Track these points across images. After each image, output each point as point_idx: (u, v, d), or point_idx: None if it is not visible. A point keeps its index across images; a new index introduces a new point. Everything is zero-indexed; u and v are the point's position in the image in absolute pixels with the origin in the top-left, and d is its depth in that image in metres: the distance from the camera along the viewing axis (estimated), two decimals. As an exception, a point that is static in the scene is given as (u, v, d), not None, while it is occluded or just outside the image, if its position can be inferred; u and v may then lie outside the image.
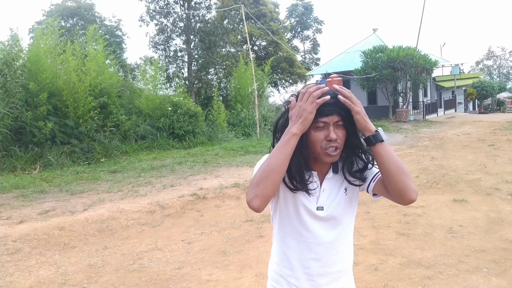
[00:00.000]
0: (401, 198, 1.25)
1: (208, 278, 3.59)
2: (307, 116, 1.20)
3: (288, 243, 1.39)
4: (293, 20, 38.71)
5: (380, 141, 1.23)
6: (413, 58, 17.53)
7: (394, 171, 1.22)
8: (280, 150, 1.20)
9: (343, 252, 1.41)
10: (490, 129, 13.63)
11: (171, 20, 19.50)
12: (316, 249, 1.36)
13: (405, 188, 1.22)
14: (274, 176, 1.19)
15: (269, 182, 1.19)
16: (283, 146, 1.20)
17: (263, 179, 1.19)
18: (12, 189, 6.84)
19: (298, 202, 1.34)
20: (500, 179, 6.54)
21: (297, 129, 1.20)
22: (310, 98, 1.20)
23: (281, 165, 1.20)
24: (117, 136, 11.08)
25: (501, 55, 56.83)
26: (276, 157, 1.20)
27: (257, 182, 1.20)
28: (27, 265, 3.96)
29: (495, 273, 3.40)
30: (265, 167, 1.20)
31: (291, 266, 1.39)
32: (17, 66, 9.71)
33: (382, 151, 1.23)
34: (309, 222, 1.34)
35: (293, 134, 1.20)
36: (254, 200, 1.19)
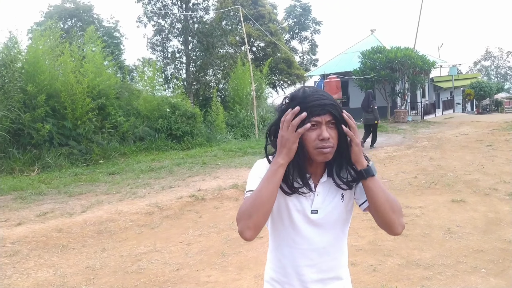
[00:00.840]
0: (386, 230, 1.31)
1: (206, 280, 3.59)
2: (290, 146, 1.22)
3: (282, 250, 1.39)
4: (291, 21, 38.76)
5: (371, 175, 1.26)
6: (411, 58, 17.57)
7: (382, 207, 1.27)
8: (269, 181, 1.22)
9: (338, 259, 1.41)
10: (488, 130, 13.66)
11: (168, 21, 19.52)
12: (311, 255, 1.36)
13: (391, 224, 1.28)
14: (265, 207, 1.22)
15: (260, 213, 1.22)
16: (271, 177, 1.22)
17: (255, 211, 1.22)
18: (10, 191, 6.83)
19: (291, 206, 1.33)
20: (498, 179, 6.55)
21: (283, 159, 1.22)
22: (290, 128, 1.21)
23: (271, 196, 1.23)
24: (115, 137, 11.07)
25: (498, 56, 57.04)
26: (265, 188, 1.22)
27: (248, 214, 1.22)
28: (26, 267, 3.95)
29: (494, 273, 3.40)
30: (255, 198, 1.22)
31: (286, 273, 1.39)
32: (15, 68, 9.70)
33: (372, 185, 1.27)
34: (303, 228, 1.34)
35: (280, 165, 1.23)
36: (246, 231, 1.22)
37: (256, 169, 1.36)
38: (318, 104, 1.24)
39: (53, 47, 10.63)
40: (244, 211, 1.23)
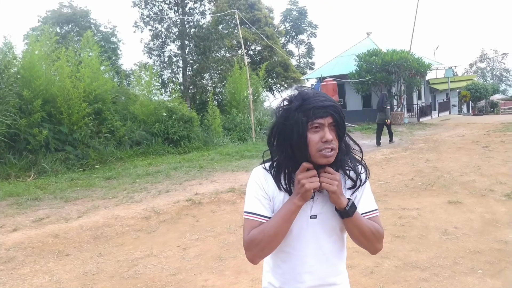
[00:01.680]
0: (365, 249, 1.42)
1: (203, 284, 3.57)
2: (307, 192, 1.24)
3: (280, 256, 1.38)
4: (288, 25, 38.87)
5: (348, 217, 1.29)
6: (407, 61, 17.64)
7: (357, 241, 1.35)
8: (286, 220, 1.26)
9: (336, 264, 1.40)
10: (484, 131, 13.71)
11: (165, 25, 19.54)
12: (309, 261, 1.35)
13: (367, 249, 1.40)
14: (278, 242, 1.29)
15: (273, 248, 1.29)
16: (289, 216, 1.26)
17: (268, 246, 1.27)
18: (6, 196, 6.80)
19: None
20: (494, 180, 6.57)
21: (300, 201, 1.26)
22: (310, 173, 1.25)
23: (285, 232, 1.28)
24: (112, 142, 11.04)
25: (494, 58, 57.33)
26: (281, 228, 1.26)
27: (262, 248, 1.27)
28: (21, 274, 3.92)
29: (490, 274, 3.40)
30: (271, 236, 1.26)
31: (284, 279, 1.38)
32: (10, 73, 9.67)
33: (348, 224, 1.31)
34: (302, 233, 1.33)
35: (298, 207, 1.26)
36: (257, 260, 1.30)
37: (253, 185, 1.36)
38: (321, 106, 1.23)
39: (49, 52, 10.61)
40: (257, 244, 1.27)
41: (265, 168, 1.36)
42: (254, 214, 1.31)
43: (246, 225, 1.31)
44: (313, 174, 1.24)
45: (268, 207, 1.32)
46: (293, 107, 1.26)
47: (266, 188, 1.33)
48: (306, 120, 1.23)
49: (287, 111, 1.28)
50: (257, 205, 1.32)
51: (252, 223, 1.30)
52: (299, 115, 1.24)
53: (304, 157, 1.26)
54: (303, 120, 1.23)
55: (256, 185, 1.34)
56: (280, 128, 1.29)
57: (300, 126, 1.23)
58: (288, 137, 1.27)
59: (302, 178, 1.23)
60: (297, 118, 1.24)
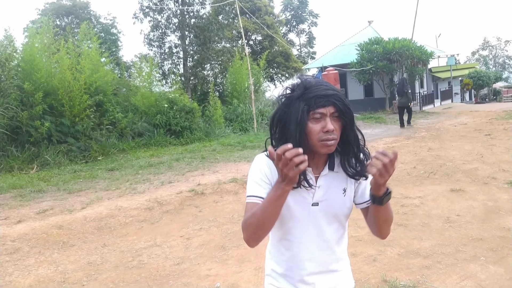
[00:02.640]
0: (375, 235, 1.41)
1: (207, 273, 3.60)
2: (291, 179, 1.13)
3: (283, 244, 1.39)
4: (288, 14, 38.60)
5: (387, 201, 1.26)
6: (409, 49, 17.52)
7: (379, 225, 1.34)
8: (273, 205, 1.20)
9: (338, 252, 1.41)
10: (487, 119, 13.65)
11: (165, 16, 19.42)
12: (311, 248, 1.35)
13: (382, 234, 1.38)
14: (267, 226, 1.25)
15: (263, 231, 1.26)
16: (276, 200, 1.19)
17: (258, 230, 1.25)
18: (10, 189, 6.83)
19: (292, 199, 1.32)
20: (497, 168, 6.56)
21: (287, 186, 1.16)
22: (291, 164, 1.09)
23: (274, 217, 1.24)
24: (113, 134, 11.05)
25: (496, 45, 56.91)
26: (269, 212, 1.21)
27: (252, 231, 1.25)
28: (26, 264, 3.96)
29: (493, 261, 3.42)
30: (258, 219, 1.23)
31: (287, 266, 1.39)
32: (11, 66, 9.66)
33: (382, 210, 1.28)
34: (304, 221, 1.33)
35: (285, 191, 1.18)
36: (251, 243, 1.29)
37: (255, 171, 1.34)
38: (322, 95, 1.22)
39: (49, 44, 10.57)
40: (248, 227, 1.26)
41: (267, 155, 1.35)
42: (254, 196, 1.30)
43: (247, 207, 1.31)
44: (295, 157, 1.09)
45: (267, 190, 1.31)
46: (295, 96, 1.25)
47: (267, 174, 1.32)
48: (307, 109, 1.22)
49: (289, 99, 1.27)
50: (258, 188, 1.31)
51: (252, 206, 1.29)
52: (300, 104, 1.23)
53: (305, 146, 1.25)
54: (305, 109, 1.22)
55: (258, 170, 1.33)
56: (282, 116, 1.28)
57: (301, 115, 1.22)
58: (289, 126, 1.26)
59: (283, 167, 1.11)
60: (298, 107, 1.23)
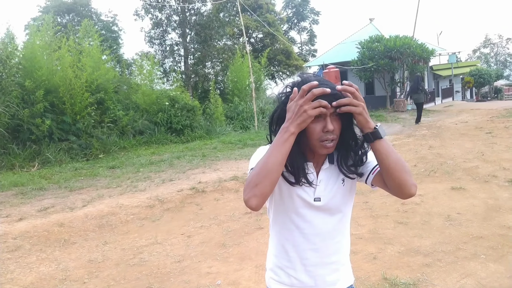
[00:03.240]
0: (400, 193, 1.25)
1: (208, 271, 3.61)
2: (306, 119, 1.15)
3: (285, 235, 1.39)
4: (290, 12, 38.55)
5: (379, 138, 1.21)
6: (410, 47, 17.47)
7: (393, 168, 1.21)
8: (278, 149, 1.17)
9: (340, 243, 1.41)
10: (488, 117, 13.63)
11: (166, 14, 19.40)
12: (314, 239, 1.36)
13: (404, 184, 1.22)
14: (272, 175, 1.17)
15: (267, 181, 1.17)
16: (281, 145, 1.16)
17: (262, 179, 1.16)
18: (11, 187, 6.85)
19: (294, 194, 1.33)
20: (497, 166, 6.56)
21: (294, 128, 1.16)
22: (315, 103, 1.14)
23: (279, 164, 1.17)
24: (115, 131, 11.07)
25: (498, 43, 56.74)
26: (274, 156, 1.17)
27: (254, 182, 1.17)
28: (28, 262, 3.97)
29: (493, 259, 3.42)
30: (262, 166, 1.17)
31: (289, 258, 1.39)
32: (12, 64, 9.66)
33: (381, 148, 1.22)
34: (306, 213, 1.34)
35: (292, 133, 1.16)
36: (252, 199, 1.17)
37: (259, 153, 1.32)
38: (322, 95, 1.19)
39: (50, 42, 10.58)
40: (250, 181, 1.18)
41: None
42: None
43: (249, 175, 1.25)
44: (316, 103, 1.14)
45: None
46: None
47: None
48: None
49: (289, 98, 1.25)
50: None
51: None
52: None
53: (305, 145, 1.26)
54: None
55: (259, 152, 1.32)
56: (282, 114, 1.27)
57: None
58: None
59: (305, 103, 1.14)
60: None
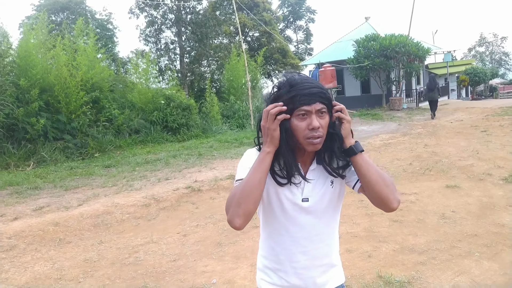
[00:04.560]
0: (382, 207, 1.29)
1: (203, 270, 3.61)
2: (272, 134, 1.24)
3: (274, 238, 1.40)
4: (286, 10, 38.52)
5: (360, 151, 1.27)
6: (406, 46, 17.50)
7: (374, 182, 1.26)
8: (257, 169, 1.23)
9: (330, 246, 1.42)
10: (483, 115, 13.70)
11: (161, 12, 19.34)
12: (303, 242, 1.37)
13: (386, 199, 1.26)
14: (254, 194, 1.22)
15: (249, 201, 1.21)
16: (258, 165, 1.23)
17: (244, 199, 1.21)
18: (6, 186, 6.82)
19: (282, 196, 1.33)
20: (492, 164, 6.60)
21: (268, 147, 1.24)
22: (270, 117, 1.23)
23: (260, 183, 1.23)
24: (110, 130, 11.03)
25: (493, 42, 56.98)
26: (254, 176, 1.23)
27: (237, 202, 1.21)
28: (23, 262, 3.96)
29: (487, 257, 3.44)
30: (244, 186, 1.22)
31: (279, 260, 1.40)
32: (6, 62, 9.60)
33: (362, 161, 1.27)
34: (295, 216, 1.35)
35: (267, 153, 1.24)
36: (236, 219, 1.20)
37: (244, 159, 1.36)
38: (306, 93, 1.23)
39: (45, 41, 10.52)
40: (233, 200, 1.23)
41: (257, 149, 1.38)
42: (240, 179, 1.29)
43: (231, 191, 1.28)
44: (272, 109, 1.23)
45: None
46: (281, 94, 1.27)
47: None
48: (292, 108, 1.24)
49: (276, 98, 1.28)
50: (244, 172, 1.30)
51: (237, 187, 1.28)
52: (285, 102, 1.24)
53: (293, 144, 1.28)
54: (289, 108, 1.24)
55: (247, 159, 1.35)
56: None
57: (286, 113, 1.24)
58: None
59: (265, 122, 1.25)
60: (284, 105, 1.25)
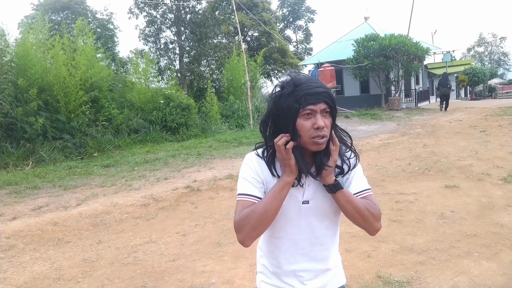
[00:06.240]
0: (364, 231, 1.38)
1: (202, 269, 3.61)
2: (289, 163, 1.25)
3: (274, 242, 1.40)
4: (285, 10, 38.53)
5: (339, 189, 1.29)
6: (405, 45, 17.52)
7: (352, 218, 1.32)
8: (276, 197, 1.26)
9: (330, 248, 1.42)
10: (482, 115, 13.72)
11: (160, 11, 19.32)
12: (302, 244, 1.37)
13: (365, 229, 1.35)
14: (269, 221, 1.27)
15: (265, 226, 1.27)
16: (278, 193, 1.26)
17: (259, 225, 1.25)
18: (5, 185, 6.80)
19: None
20: (491, 164, 6.60)
21: (288, 177, 1.26)
22: (278, 148, 1.25)
23: (277, 210, 1.27)
24: (109, 130, 11.01)
25: (492, 42, 57.08)
26: (272, 205, 1.25)
27: (252, 226, 1.24)
28: (21, 261, 3.95)
29: (486, 257, 3.45)
30: (261, 214, 1.24)
31: (279, 263, 1.40)
32: (4, 61, 9.58)
33: (340, 198, 1.30)
34: (295, 219, 1.34)
35: (287, 183, 1.27)
36: (248, 241, 1.26)
37: (245, 169, 1.36)
38: (312, 92, 1.23)
39: (44, 40, 10.50)
40: (247, 223, 1.25)
41: (258, 155, 1.37)
42: (246, 195, 1.31)
43: (238, 206, 1.30)
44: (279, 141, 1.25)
45: (260, 189, 1.32)
46: (285, 93, 1.26)
47: (259, 172, 1.34)
48: (297, 107, 1.23)
49: (279, 97, 1.28)
50: (250, 186, 1.32)
51: (244, 204, 1.29)
52: (290, 101, 1.24)
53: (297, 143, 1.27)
54: (295, 107, 1.23)
55: (249, 168, 1.35)
56: (273, 114, 1.29)
57: (291, 112, 1.24)
58: (281, 124, 1.28)
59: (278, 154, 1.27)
60: (289, 105, 1.24)
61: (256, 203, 1.29)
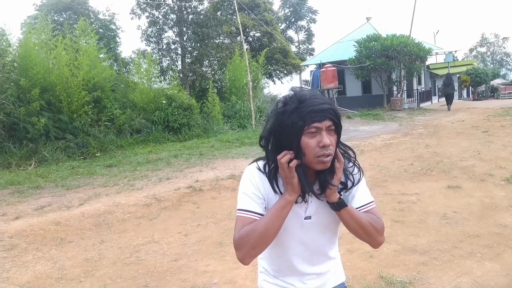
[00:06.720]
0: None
1: (204, 269, 3.61)
2: (291, 182, 1.22)
3: (275, 251, 1.40)
4: (287, 11, 38.50)
5: (344, 207, 1.27)
6: (407, 46, 17.48)
7: (355, 233, 1.32)
8: (278, 216, 1.23)
9: (330, 255, 1.44)
10: (484, 116, 13.68)
11: (162, 12, 19.34)
12: (303, 254, 1.38)
13: (368, 243, 1.35)
14: (270, 239, 1.24)
15: (265, 245, 1.24)
16: (280, 212, 1.23)
17: (260, 244, 1.22)
18: (8, 185, 6.82)
19: None
20: (494, 165, 6.58)
21: (290, 196, 1.23)
22: (281, 166, 1.21)
23: (278, 230, 1.24)
24: (112, 130, 11.04)
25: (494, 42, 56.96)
26: (273, 224, 1.22)
27: (252, 245, 1.21)
28: (24, 261, 3.96)
29: (489, 257, 3.44)
30: (262, 232, 1.21)
31: (279, 268, 1.42)
32: (6, 61, 9.60)
33: (344, 216, 1.28)
34: (297, 233, 1.34)
35: (289, 201, 1.24)
36: (248, 260, 1.24)
37: (246, 184, 1.32)
38: (318, 109, 1.18)
39: (47, 40, 10.53)
40: (247, 242, 1.22)
41: (259, 169, 1.32)
42: (246, 211, 1.27)
43: (237, 223, 1.26)
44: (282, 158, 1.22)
45: (261, 205, 1.29)
46: (288, 110, 1.21)
47: (260, 187, 1.30)
48: (302, 124, 1.18)
49: (282, 113, 1.22)
50: (250, 202, 1.28)
51: (244, 220, 1.25)
52: (295, 118, 1.19)
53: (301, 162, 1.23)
54: (300, 124, 1.19)
55: (250, 183, 1.31)
56: (275, 131, 1.25)
57: (296, 130, 1.19)
58: (283, 140, 1.23)
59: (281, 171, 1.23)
60: (293, 122, 1.19)
61: (256, 220, 1.25)
